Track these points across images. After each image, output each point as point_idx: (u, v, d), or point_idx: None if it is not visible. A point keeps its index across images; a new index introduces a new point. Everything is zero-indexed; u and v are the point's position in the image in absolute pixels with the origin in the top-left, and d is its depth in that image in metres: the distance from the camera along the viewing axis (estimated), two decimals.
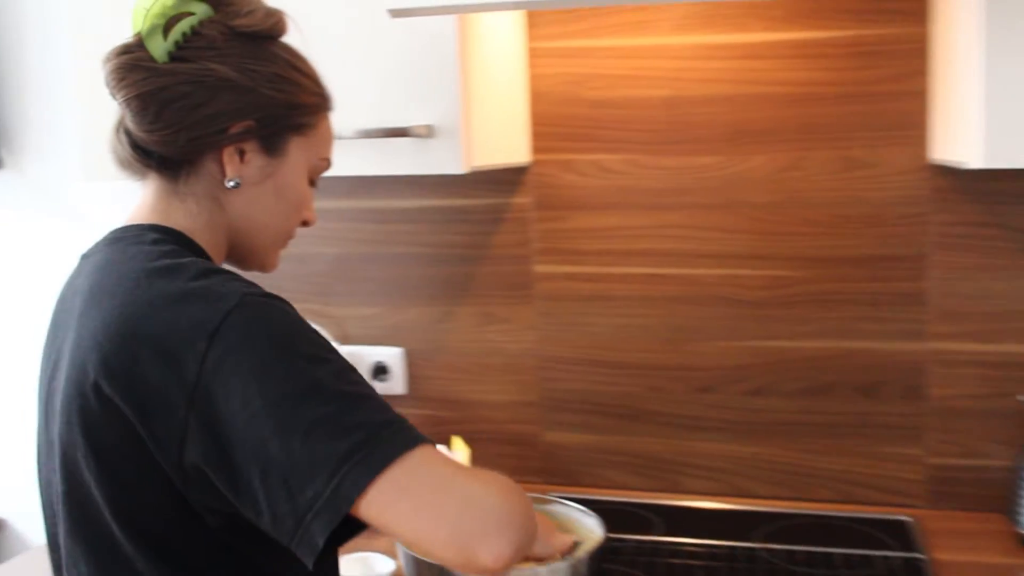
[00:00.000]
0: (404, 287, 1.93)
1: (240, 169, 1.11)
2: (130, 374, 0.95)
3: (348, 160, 1.55)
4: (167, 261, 1.01)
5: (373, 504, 0.88)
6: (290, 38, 1.14)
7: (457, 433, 1.91)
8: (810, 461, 1.75)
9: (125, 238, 1.08)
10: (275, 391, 0.90)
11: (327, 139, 1.20)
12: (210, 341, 0.92)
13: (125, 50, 1.07)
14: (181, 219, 1.11)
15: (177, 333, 0.93)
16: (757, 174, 1.71)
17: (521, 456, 1.90)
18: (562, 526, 1.36)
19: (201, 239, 1.11)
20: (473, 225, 1.87)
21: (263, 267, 1.21)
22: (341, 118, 1.54)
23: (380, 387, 1.94)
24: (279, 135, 1.12)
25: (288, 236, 1.20)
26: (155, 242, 1.06)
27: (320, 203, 1.94)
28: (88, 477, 1.01)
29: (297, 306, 1.00)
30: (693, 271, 1.76)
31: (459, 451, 1.72)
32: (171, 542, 0.98)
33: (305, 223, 1.22)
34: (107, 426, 0.98)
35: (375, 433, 0.89)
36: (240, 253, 1.18)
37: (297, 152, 1.14)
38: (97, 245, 1.11)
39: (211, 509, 0.96)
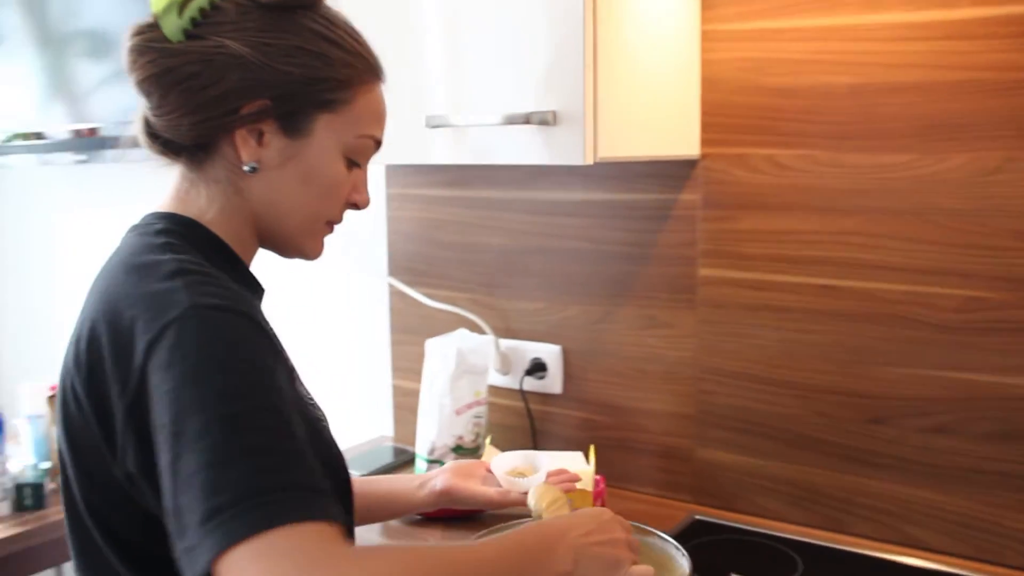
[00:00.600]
0: (566, 283, 1.83)
1: (257, 152, 1.05)
2: (92, 375, 0.94)
3: (464, 148, 1.48)
4: (147, 257, 0.98)
5: (231, 571, 0.78)
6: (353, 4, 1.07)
7: (609, 440, 1.80)
8: (999, 517, 1.48)
9: (138, 227, 1.06)
10: (178, 422, 0.84)
11: (369, 115, 1.09)
12: (147, 353, 0.88)
13: (138, 31, 1.03)
14: (197, 207, 1.07)
15: (127, 339, 0.91)
16: (954, 176, 1.46)
17: (672, 471, 1.75)
18: (655, 560, 1.24)
19: (219, 228, 1.07)
20: (638, 221, 1.74)
21: (303, 254, 1.13)
22: (460, 102, 1.48)
23: (537, 384, 1.86)
24: (301, 114, 1.05)
25: (324, 222, 1.11)
26: (157, 233, 1.03)
27: (487, 192, 1.89)
28: (71, 475, 1.00)
29: (463, 296, 0.93)
30: (873, 285, 1.53)
31: (586, 463, 1.61)
32: (144, 547, 0.95)
33: (355, 206, 1.14)
34: (80, 427, 0.96)
35: (242, 499, 0.80)
36: (272, 241, 1.12)
37: (326, 132, 1.06)
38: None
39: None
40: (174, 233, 1.03)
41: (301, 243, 1.12)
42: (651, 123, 1.53)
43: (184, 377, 0.85)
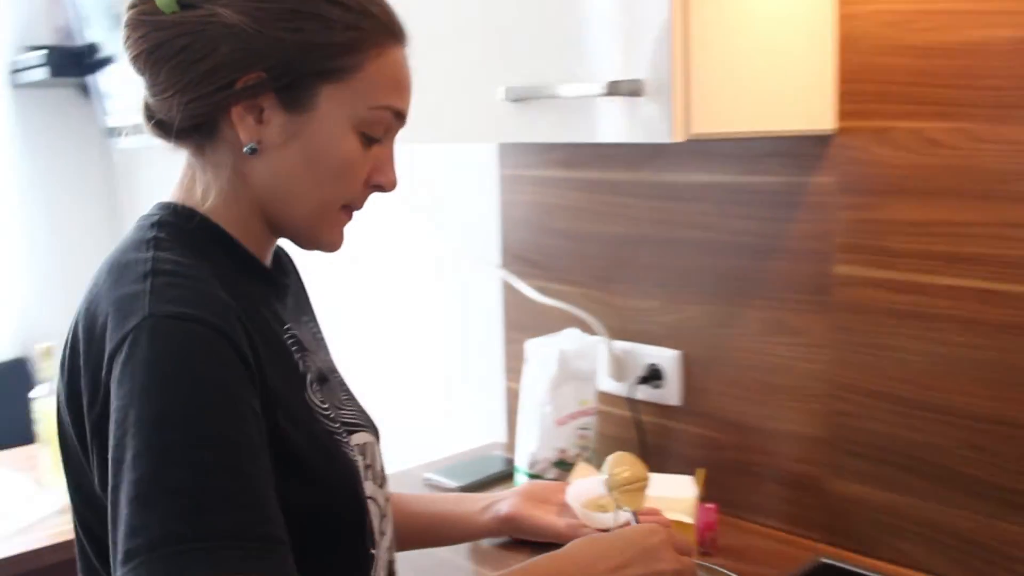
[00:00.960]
0: (684, 279, 1.60)
1: (257, 131, 0.93)
2: (71, 383, 0.89)
3: (532, 124, 1.29)
4: (130, 255, 0.91)
5: None
6: None
7: (729, 463, 1.56)
8: None
9: (140, 217, 0.97)
10: (118, 447, 0.78)
11: (384, 83, 0.96)
12: (108, 366, 0.82)
13: (133, 3, 0.93)
14: (199, 195, 0.97)
15: (98, 347, 0.85)
16: None
17: (801, 504, 1.49)
18: None
19: (221, 217, 0.97)
20: (763, 208, 1.49)
21: (319, 245, 1.01)
22: (523, 73, 1.29)
23: (652, 394, 1.64)
24: (301, 85, 0.92)
25: (340, 207, 0.99)
26: (151, 225, 0.94)
27: (600, 173, 1.68)
28: (67, 482, 0.95)
29: (576, 291, 0.79)
30: None
31: (691, 489, 1.38)
32: None
33: (379, 188, 1.00)
34: (65, 437, 0.92)
35: (155, 547, 0.74)
36: (284, 231, 1.00)
37: (331, 104, 0.93)
38: None
39: None
40: (168, 225, 0.95)
41: (316, 233, 1.00)
42: (768, 92, 1.28)
43: (130, 397, 0.79)
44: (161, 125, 0.97)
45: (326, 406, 0.99)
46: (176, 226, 0.95)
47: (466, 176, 1.96)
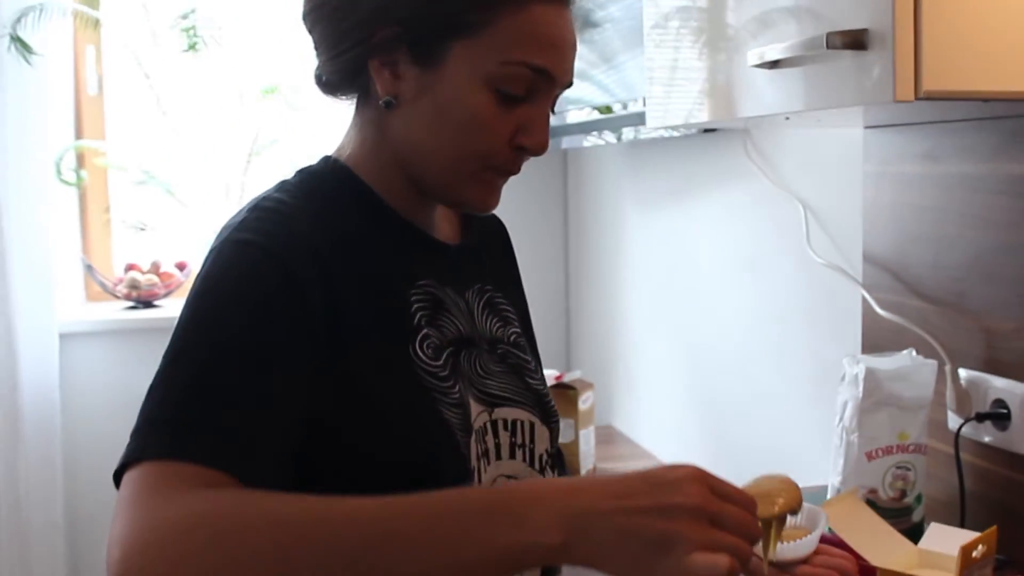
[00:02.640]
0: None
1: (394, 85, 0.97)
2: None
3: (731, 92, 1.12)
4: (258, 196, 0.98)
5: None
6: None
7: None
8: None
9: None
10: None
11: (523, 38, 0.93)
12: None
13: None
14: (350, 148, 1.04)
15: None
16: None
17: None
18: None
19: (360, 166, 1.02)
20: None
21: (463, 203, 1.01)
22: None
23: (996, 436, 1.32)
24: (433, 40, 0.94)
25: (483, 166, 0.97)
26: (297, 172, 1.03)
27: (960, 166, 1.40)
28: None
29: (932, 308, 0.77)
30: None
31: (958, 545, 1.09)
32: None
33: (524, 150, 0.97)
34: None
35: (143, 426, 0.82)
36: (427, 188, 1.02)
37: (462, 59, 0.93)
38: None
39: None
40: (305, 171, 1.03)
41: (457, 191, 1.00)
42: None
43: (185, 304, 0.89)
44: (324, 82, 1.04)
45: (438, 364, 0.97)
46: (311, 171, 1.02)
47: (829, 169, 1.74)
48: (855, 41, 0.96)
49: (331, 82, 1.03)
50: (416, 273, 1.01)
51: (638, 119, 2.23)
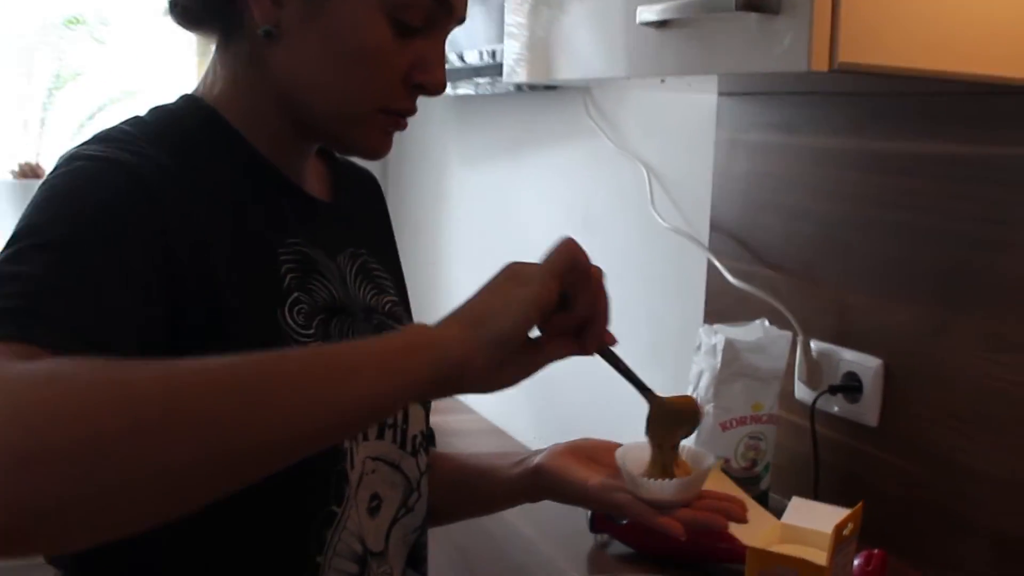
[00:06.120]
0: (896, 273, 1.29)
1: (273, 12, 0.84)
2: None
3: (630, 52, 1.07)
4: (104, 130, 0.84)
5: None
6: None
7: (923, 506, 1.24)
8: None
9: None
10: None
11: None
12: None
13: None
14: (217, 87, 0.91)
15: None
16: None
17: (1004, 570, 1.14)
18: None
19: (227, 107, 0.89)
20: (996, 188, 1.15)
21: (358, 150, 0.91)
22: None
23: (847, 409, 1.34)
24: None
25: (377, 107, 0.87)
26: (152, 111, 0.89)
27: (815, 139, 1.40)
28: None
29: (783, 277, 0.67)
30: None
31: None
32: None
33: (422, 89, 0.88)
34: None
35: None
36: (314, 131, 0.91)
37: None
38: None
39: None
40: (160, 109, 0.89)
41: (349, 134, 0.90)
42: (977, 16, 0.97)
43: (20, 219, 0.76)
44: (181, 11, 0.90)
45: (309, 333, 0.88)
46: (169, 110, 0.89)
47: (680, 136, 1.73)
48: (765, 4, 0.91)
49: (191, 9, 0.89)
50: (286, 230, 0.90)
51: (473, 72, 2.15)
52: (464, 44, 2.17)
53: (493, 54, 2.05)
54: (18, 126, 2.65)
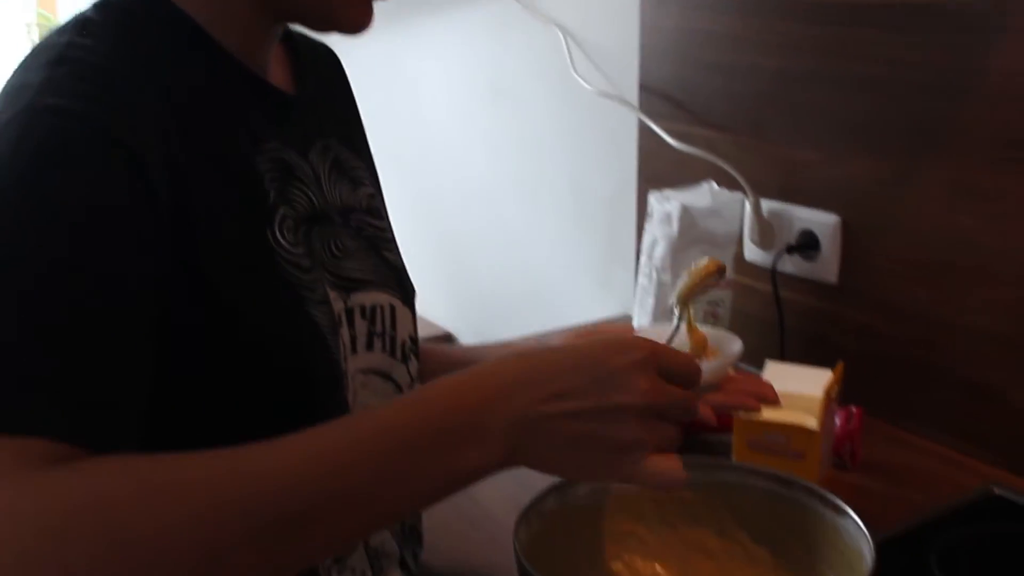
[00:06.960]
0: (851, 125, 1.27)
1: None
2: None
3: None
4: (51, 39, 0.73)
5: None
6: None
7: (891, 359, 1.25)
8: None
9: None
10: None
11: None
12: None
13: None
14: None
15: None
16: None
17: (976, 417, 1.17)
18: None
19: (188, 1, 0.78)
20: (954, 35, 1.13)
21: (338, 23, 0.80)
22: None
23: (804, 268, 1.34)
24: None
25: None
26: (95, 6, 0.76)
27: None
28: None
29: (723, 138, 0.59)
30: None
31: (822, 386, 1.09)
32: None
33: None
34: None
35: None
36: (287, 7, 0.81)
37: None
38: None
39: None
40: (110, 6, 0.76)
41: (326, 5, 0.79)
42: None
43: None
44: None
45: (300, 251, 0.80)
46: (119, 6, 0.77)
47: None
48: None
49: None
50: (259, 134, 0.80)
51: None
52: None
53: None
54: None
